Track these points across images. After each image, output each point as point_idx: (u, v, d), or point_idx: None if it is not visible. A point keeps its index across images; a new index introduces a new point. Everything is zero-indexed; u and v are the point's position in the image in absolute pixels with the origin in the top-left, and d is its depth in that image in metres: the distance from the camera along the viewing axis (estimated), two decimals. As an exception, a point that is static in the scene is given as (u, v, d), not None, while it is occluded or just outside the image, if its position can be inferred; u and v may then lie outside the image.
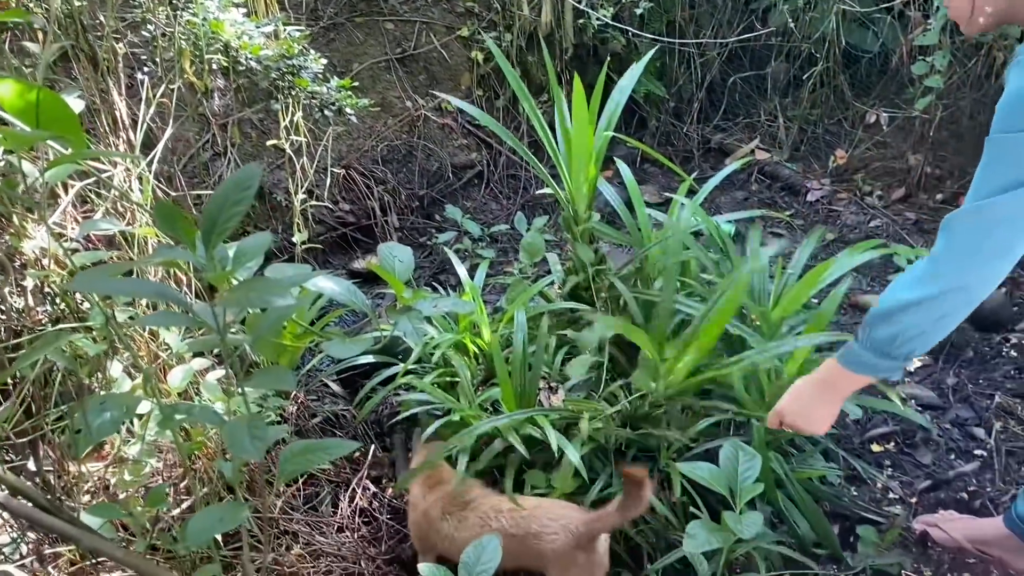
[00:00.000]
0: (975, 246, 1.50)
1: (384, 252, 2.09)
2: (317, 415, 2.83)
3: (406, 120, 4.23)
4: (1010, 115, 1.41)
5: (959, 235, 1.52)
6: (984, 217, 1.47)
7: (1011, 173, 1.42)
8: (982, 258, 1.51)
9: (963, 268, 1.52)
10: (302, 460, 1.32)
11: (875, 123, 4.36)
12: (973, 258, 1.51)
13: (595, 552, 2.04)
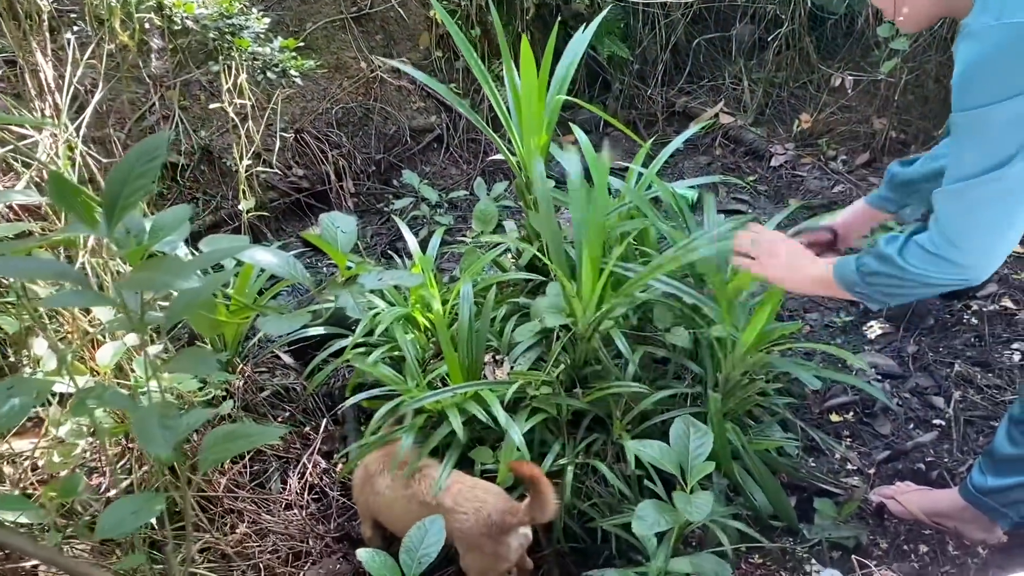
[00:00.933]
0: (965, 230, 1.48)
1: (326, 222, 2.00)
2: (265, 389, 2.75)
3: (361, 82, 4.11)
4: (964, 92, 1.39)
5: (947, 219, 1.50)
6: (965, 200, 1.46)
7: (979, 152, 1.41)
8: (976, 239, 1.49)
9: (961, 252, 1.50)
10: (223, 449, 1.25)
11: (840, 86, 4.30)
12: (967, 241, 1.49)
13: (503, 544, 2.03)
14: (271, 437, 1.26)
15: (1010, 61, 1.34)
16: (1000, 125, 1.38)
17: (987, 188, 1.42)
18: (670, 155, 4.48)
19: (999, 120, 1.37)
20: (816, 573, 2.26)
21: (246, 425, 1.32)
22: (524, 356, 2.44)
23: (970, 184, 1.43)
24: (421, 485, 2.12)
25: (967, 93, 1.39)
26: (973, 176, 1.43)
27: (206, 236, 3.26)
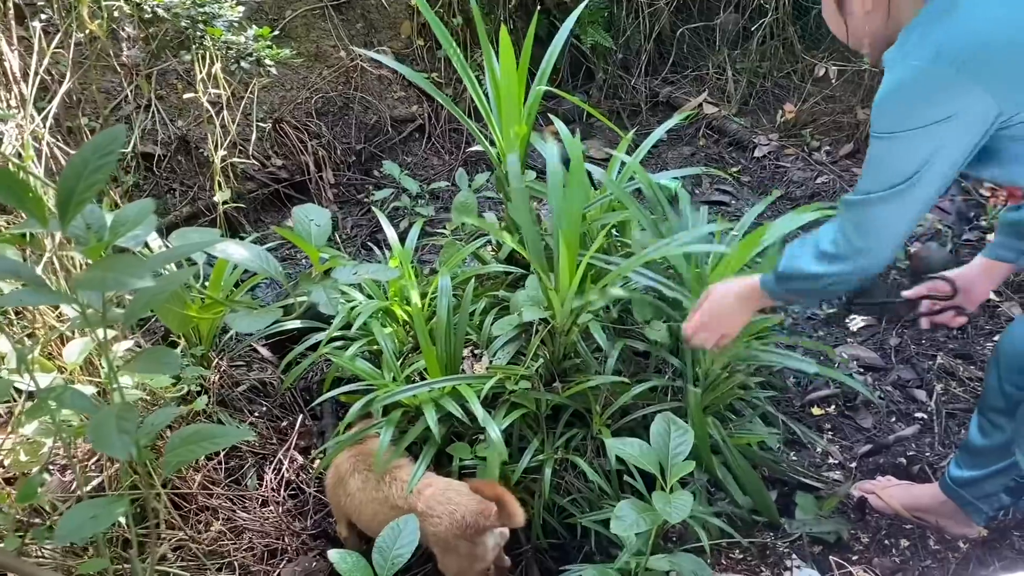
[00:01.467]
0: (865, 233, 1.67)
1: (298, 215, 1.96)
2: (242, 383, 2.71)
3: (341, 71, 4.05)
4: (876, 117, 1.55)
5: (850, 225, 1.69)
6: (869, 210, 1.63)
7: (884, 171, 1.58)
8: (873, 241, 1.69)
9: (853, 255, 1.70)
10: (187, 450, 1.22)
11: (824, 76, 4.27)
12: (867, 242, 1.68)
13: (480, 544, 2.01)
14: (236, 438, 1.23)
15: (910, 98, 1.50)
16: (900, 152, 1.54)
17: (887, 202, 1.61)
18: (653, 145, 4.45)
19: (900, 148, 1.54)
20: (796, 568, 2.24)
21: (211, 426, 1.29)
22: (503, 350, 2.41)
23: (871, 198, 1.61)
24: (393, 488, 2.09)
25: (878, 119, 1.55)
26: (877, 190, 1.60)
27: (183, 228, 3.20)
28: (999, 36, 1.44)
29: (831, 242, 1.73)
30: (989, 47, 1.44)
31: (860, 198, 1.64)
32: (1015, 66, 1.44)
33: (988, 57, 1.43)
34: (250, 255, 1.81)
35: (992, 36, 1.44)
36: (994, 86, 1.44)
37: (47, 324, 1.93)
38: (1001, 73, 1.44)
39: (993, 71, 1.44)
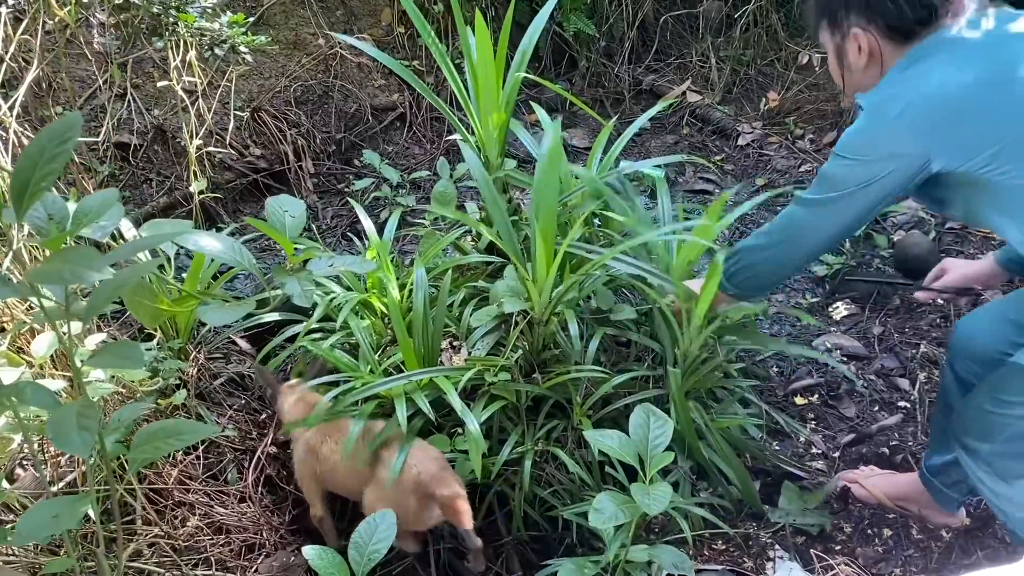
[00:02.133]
0: (809, 229, 1.92)
1: (272, 206, 1.92)
2: (220, 376, 2.67)
3: (320, 58, 4.00)
4: (843, 142, 1.77)
5: (787, 216, 1.95)
6: (802, 210, 1.90)
7: (845, 181, 1.79)
8: (808, 235, 1.94)
9: (777, 239, 1.98)
10: (153, 448, 1.18)
11: (808, 64, 4.26)
12: (805, 238, 1.94)
13: (426, 510, 2.04)
14: (202, 435, 1.20)
15: (866, 135, 1.74)
16: (846, 173, 1.78)
17: (819, 206, 1.86)
18: (637, 134, 4.45)
19: (847, 170, 1.78)
20: (779, 559, 2.23)
21: (178, 422, 1.26)
22: (483, 341, 2.38)
23: (809, 198, 1.87)
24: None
25: (842, 142, 1.78)
26: (821, 194, 1.84)
27: (159, 218, 3.17)
28: (944, 97, 1.64)
29: (770, 223, 2.02)
30: (933, 106, 1.65)
31: (802, 195, 1.90)
32: (950, 127, 1.65)
33: (929, 115, 1.65)
34: (223, 247, 1.77)
35: (937, 97, 1.65)
36: (929, 140, 1.67)
37: (14, 317, 1.89)
38: (938, 131, 1.66)
39: (931, 127, 1.66)
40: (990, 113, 1.63)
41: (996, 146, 1.63)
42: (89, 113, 3.49)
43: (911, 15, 1.71)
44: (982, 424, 1.91)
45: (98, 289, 1.21)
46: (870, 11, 1.74)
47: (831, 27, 1.84)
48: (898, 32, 1.74)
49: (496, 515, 2.33)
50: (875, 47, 1.77)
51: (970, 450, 1.95)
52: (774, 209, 3.79)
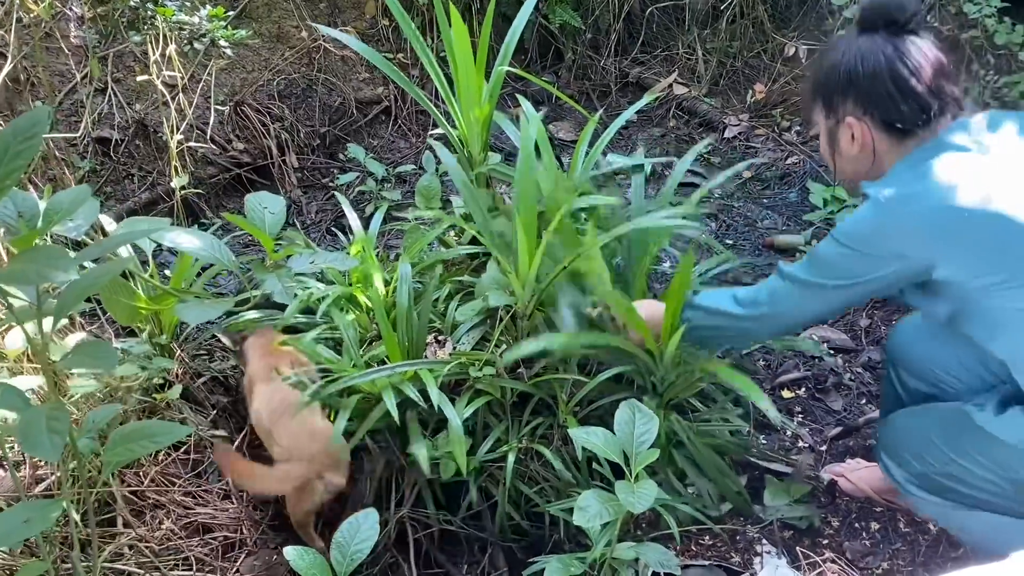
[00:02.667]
0: (788, 308, 1.89)
1: (251, 202, 1.90)
2: (203, 375, 2.64)
3: (303, 51, 3.96)
4: (843, 227, 1.72)
5: (768, 288, 1.89)
6: (788, 287, 1.84)
7: (824, 265, 1.77)
8: (785, 316, 1.93)
9: (755, 312, 1.91)
10: (125, 451, 1.16)
11: (794, 56, 4.24)
12: (778, 311, 1.90)
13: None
14: (176, 436, 1.17)
15: (872, 228, 1.69)
16: (843, 261, 1.74)
17: (807, 288, 1.80)
18: (623, 127, 4.43)
19: (845, 258, 1.73)
20: (767, 554, 2.22)
21: (152, 424, 1.23)
22: (468, 336, 2.36)
23: (799, 277, 1.81)
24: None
25: (843, 228, 1.72)
26: (811, 276, 1.79)
27: (142, 214, 3.15)
28: (954, 207, 1.60)
29: (747, 291, 1.94)
30: (943, 214, 1.61)
31: (790, 271, 1.83)
32: (958, 238, 1.62)
33: (940, 222, 1.62)
34: (202, 244, 1.75)
35: (948, 206, 1.61)
36: (941, 249, 1.63)
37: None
38: (951, 242, 1.62)
39: (945, 236, 1.62)
40: (1006, 235, 1.61)
41: (1005, 272, 1.62)
42: (69, 108, 3.45)
43: (910, 115, 1.70)
44: (926, 451, 1.91)
45: (69, 288, 1.18)
46: (868, 103, 1.73)
47: (826, 109, 1.81)
48: (894, 128, 1.73)
49: (480, 511, 2.32)
50: (868, 138, 1.76)
51: (902, 460, 1.97)
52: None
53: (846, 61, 1.73)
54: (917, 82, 1.68)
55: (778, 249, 3.43)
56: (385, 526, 2.24)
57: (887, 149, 1.76)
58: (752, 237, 3.56)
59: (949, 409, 1.95)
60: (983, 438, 1.79)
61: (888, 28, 1.72)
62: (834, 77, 1.75)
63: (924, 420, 1.98)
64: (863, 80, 1.71)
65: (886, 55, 1.69)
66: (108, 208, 3.38)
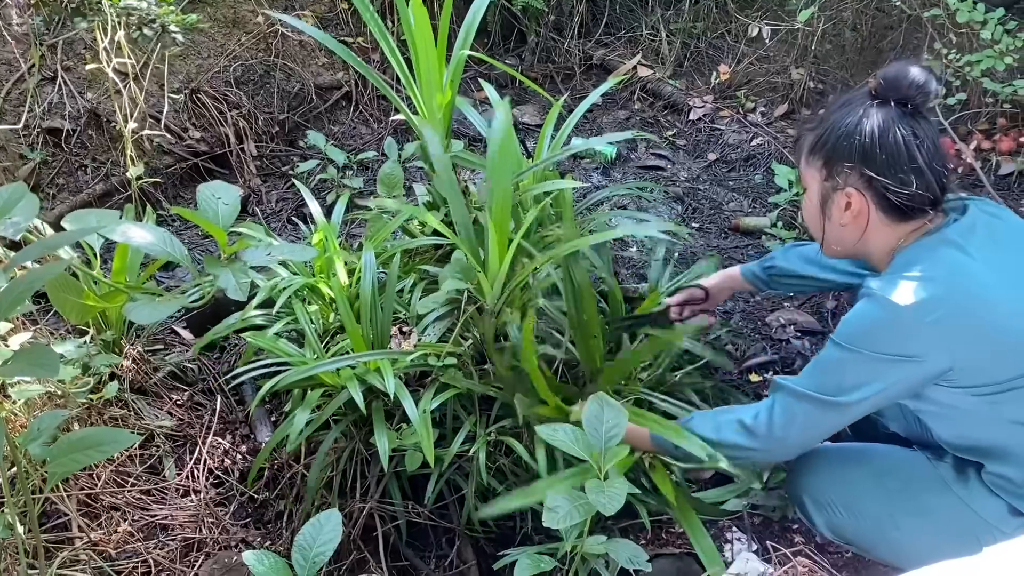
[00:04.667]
0: (810, 433, 1.77)
1: (203, 193, 1.83)
2: (160, 369, 2.57)
3: (260, 37, 3.87)
4: (847, 330, 1.64)
5: (780, 411, 1.73)
6: (801, 407, 1.70)
7: (833, 376, 1.67)
8: (808, 441, 1.81)
9: (769, 440, 1.76)
10: (71, 460, 1.11)
11: (758, 36, 4.21)
12: (800, 439, 1.78)
13: None
14: (124, 444, 1.12)
15: (882, 328, 1.60)
16: (853, 367, 1.63)
17: (821, 406, 1.67)
18: (588, 110, 4.36)
19: (855, 364, 1.63)
20: (737, 540, 2.21)
21: (100, 430, 1.18)
22: (433, 327, 2.31)
23: (810, 395, 1.68)
24: None
25: (846, 330, 1.64)
26: (821, 392, 1.67)
27: (97, 206, 3.05)
28: (972, 308, 1.57)
29: (754, 417, 1.78)
30: (961, 314, 1.56)
31: (801, 390, 1.70)
32: (975, 341, 1.57)
33: (958, 323, 1.55)
34: (153, 238, 1.68)
35: (966, 305, 1.56)
36: (955, 351, 1.56)
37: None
38: (964, 343, 1.57)
39: (960, 338, 1.56)
40: (1020, 343, 1.59)
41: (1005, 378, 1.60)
42: (18, 98, 3.35)
43: (918, 201, 1.65)
44: (861, 507, 1.89)
45: (8, 288, 1.12)
46: (877, 180, 1.65)
47: (827, 171, 1.73)
48: (895, 210, 1.67)
49: (448, 503, 2.28)
50: (865, 213, 1.70)
51: (827, 507, 1.93)
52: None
53: (861, 131, 1.65)
54: (931, 171, 1.64)
55: (744, 231, 3.42)
56: (351, 518, 2.21)
57: (881, 228, 1.71)
58: (718, 220, 3.54)
59: (894, 458, 1.93)
60: (946, 502, 1.78)
61: (902, 105, 1.66)
62: (845, 144, 1.68)
63: (862, 470, 1.94)
64: (878, 157, 1.64)
65: (905, 137, 1.63)
66: (61, 200, 3.29)
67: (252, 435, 2.51)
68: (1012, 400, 1.61)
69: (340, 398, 2.09)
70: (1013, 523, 1.70)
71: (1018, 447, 1.67)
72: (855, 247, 1.78)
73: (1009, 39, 3.19)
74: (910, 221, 1.69)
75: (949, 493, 1.78)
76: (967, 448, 1.76)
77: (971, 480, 1.77)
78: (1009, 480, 1.70)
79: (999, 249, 1.66)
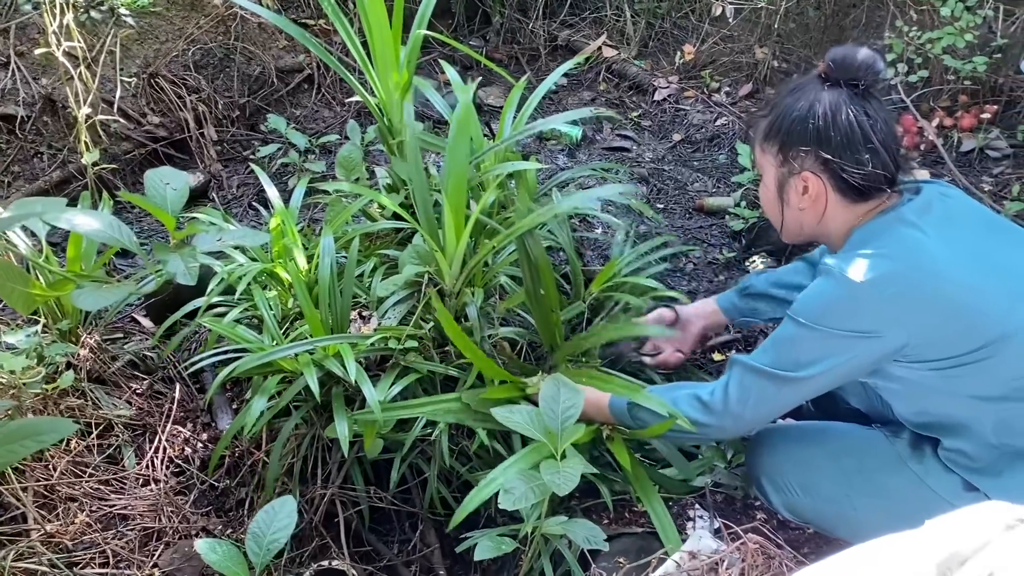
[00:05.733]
0: (765, 408, 1.77)
1: (152, 179, 1.80)
2: (119, 357, 2.54)
3: (219, 19, 3.81)
4: (804, 307, 1.66)
5: (735, 386, 1.75)
6: (760, 381, 1.71)
7: (790, 351, 1.68)
8: (764, 416, 1.81)
9: (726, 416, 1.78)
10: (8, 451, 1.08)
11: (721, 16, 4.20)
12: (756, 414, 1.78)
13: None
14: (64, 433, 1.10)
15: (839, 304, 1.62)
16: (810, 344, 1.65)
17: (778, 381, 1.69)
18: (554, 91, 4.38)
19: (812, 340, 1.64)
20: (699, 518, 2.22)
21: (37, 421, 1.16)
22: (393, 310, 2.30)
23: (767, 370, 1.69)
24: None
25: (803, 307, 1.66)
26: (774, 368, 1.68)
27: (54, 194, 2.99)
28: (928, 284, 1.59)
29: (711, 393, 1.80)
30: (917, 289, 1.58)
31: (756, 366, 1.72)
32: (931, 316, 1.59)
33: (914, 299, 1.58)
34: (100, 224, 1.66)
35: (922, 280, 1.59)
36: (911, 326, 1.59)
37: None
38: (920, 318, 1.59)
39: (916, 314, 1.58)
40: (976, 316, 1.60)
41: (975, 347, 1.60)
42: (-31, 84, 3.29)
43: (874, 181, 1.66)
44: (817, 486, 1.90)
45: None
46: (833, 162, 1.66)
47: (782, 156, 1.74)
48: (852, 191, 1.68)
49: (411, 487, 2.28)
50: (823, 196, 1.71)
51: (785, 488, 1.94)
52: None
53: (815, 115, 1.66)
54: (885, 150, 1.65)
55: (708, 211, 3.42)
56: (312, 504, 2.20)
57: (839, 209, 1.72)
58: (683, 200, 3.54)
59: (851, 437, 1.94)
60: (902, 480, 1.80)
61: (851, 86, 1.67)
62: (800, 129, 1.69)
63: (818, 450, 1.95)
64: (833, 139, 1.65)
65: (858, 118, 1.65)
66: (17, 189, 3.24)
67: (213, 423, 2.49)
68: (969, 374, 1.63)
69: (298, 384, 2.07)
70: (967, 498, 1.72)
71: (975, 422, 1.69)
72: (814, 230, 1.80)
73: (969, 16, 3.21)
74: (867, 201, 1.70)
75: (905, 470, 1.80)
76: (926, 424, 1.78)
77: (927, 456, 1.79)
78: (966, 455, 1.72)
79: (953, 227, 1.68)
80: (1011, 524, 0.86)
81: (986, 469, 1.71)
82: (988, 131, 3.43)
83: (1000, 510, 0.90)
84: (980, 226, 1.74)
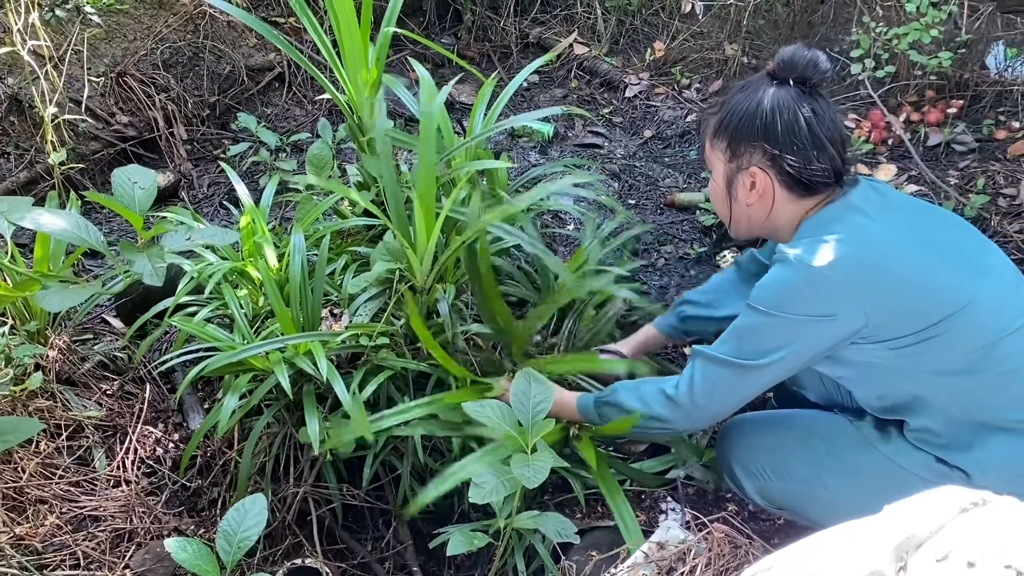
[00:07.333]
0: (707, 394, 1.77)
1: (119, 178, 1.80)
2: (89, 358, 2.52)
3: (187, 18, 3.79)
4: (761, 294, 1.68)
5: (700, 378, 1.77)
6: (720, 373, 1.74)
7: (750, 340, 1.70)
8: (728, 406, 1.83)
9: (690, 408, 1.79)
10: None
11: (691, 13, 4.23)
12: (721, 405, 1.81)
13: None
14: (27, 433, 1.09)
15: (796, 289, 1.64)
16: (769, 331, 1.68)
17: (739, 370, 1.71)
18: (525, 88, 4.38)
19: (771, 327, 1.67)
20: (671, 511, 2.24)
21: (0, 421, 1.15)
22: (365, 308, 2.29)
23: (727, 360, 1.72)
24: None
25: (760, 295, 1.68)
26: (739, 357, 1.71)
27: (21, 194, 2.96)
28: (882, 264, 1.62)
29: (675, 386, 1.82)
30: (872, 270, 1.61)
31: (718, 356, 1.74)
32: (888, 294, 1.62)
33: (870, 279, 1.61)
34: (66, 224, 1.65)
35: (876, 261, 1.62)
36: (868, 306, 1.61)
37: None
38: (877, 297, 1.61)
39: (872, 294, 1.61)
40: (930, 292, 1.63)
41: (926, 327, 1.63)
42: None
43: (820, 174, 1.69)
44: (787, 470, 1.93)
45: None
46: (779, 157, 1.70)
47: (730, 152, 1.77)
48: (800, 185, 1.72)
49: (384, 484, 2.28)
50: (770, 190, 1.74)
51: (757, 474, 1.96)
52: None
53: (762, 111, 1.70)
54: (831, 144, 1.69)
55: (679, 207, 3.44)
56: (285, 503, 2.19)
57: (786, 204, 1.75)
58: (654, 196, 3.56)
59: (819, 422, 1.97)
60: (873, 459, 1.83)
61: (799, 84, 1.70)
62: (747, 124, 1.72)
63: (788, 434, 1.98)
64: (780, 134, 1.68)
65: (804, 113, 1.68)
66: (-17, 188, 3.21)
67: (185, 423, 2.48)
68: (927, 350, 1.66)
69: (269, 382, 2.06)
70: (940, 469, 1.75)
71: (937, 399, 1.72)
72: (762, 225, 1.83)
73: (934, 12, 3.25)
74: (814, 196, 1.74)
75: (873, 451, 1.83)
76: (889, 408, 1.81)
77: (893, 437, 1.82)
78: (932, 432, 1.75)
79: (894, 212, 1.73)
80: (965, 507, 0.88)
81: (953, 444, 1.73)
82: (954, 125, 3.48)
83: (955, 494, 0.92)
84: (916, 211, 1.79)
